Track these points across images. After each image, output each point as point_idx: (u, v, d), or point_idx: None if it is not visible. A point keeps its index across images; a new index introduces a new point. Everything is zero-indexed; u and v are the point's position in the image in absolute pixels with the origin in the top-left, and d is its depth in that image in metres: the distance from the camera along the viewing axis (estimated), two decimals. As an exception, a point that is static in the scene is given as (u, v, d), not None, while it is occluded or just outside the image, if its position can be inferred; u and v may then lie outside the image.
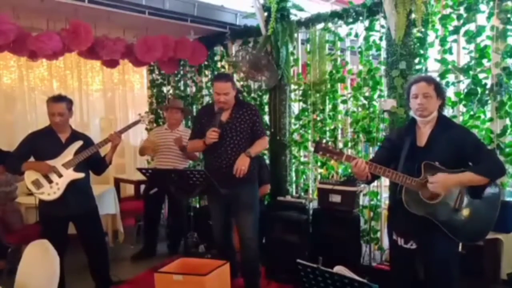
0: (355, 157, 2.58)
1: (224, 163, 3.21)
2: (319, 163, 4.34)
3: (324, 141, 2.50)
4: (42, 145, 3.28)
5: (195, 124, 3.53)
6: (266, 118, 4.63)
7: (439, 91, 2.50)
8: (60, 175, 3.21)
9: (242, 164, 3.13)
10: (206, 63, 5.23)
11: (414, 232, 2.49)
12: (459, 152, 2.42)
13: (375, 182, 3.84)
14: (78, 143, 3.31)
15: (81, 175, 3.28)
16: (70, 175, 3.24)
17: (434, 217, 2.40)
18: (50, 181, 3.20)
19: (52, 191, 3.19)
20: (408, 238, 2.52)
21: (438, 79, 3.38)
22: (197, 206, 5.30)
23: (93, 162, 3.40)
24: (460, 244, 2.57)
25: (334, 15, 4.02)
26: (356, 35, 3.94)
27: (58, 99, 3.30)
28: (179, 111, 4.63)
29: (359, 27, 3.90)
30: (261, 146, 3.34)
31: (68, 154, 3.26)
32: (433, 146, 2.47)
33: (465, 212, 2.43)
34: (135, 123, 3.68)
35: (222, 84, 3.20)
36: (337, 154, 2.55)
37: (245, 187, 3.25)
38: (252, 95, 4.85)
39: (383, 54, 3.72)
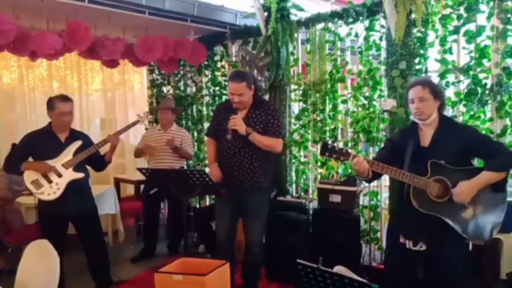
0: (358, 155, 2.55)
1: (237, 164, 3.11)
2: (319, 163, 4.34)
3: (329, 142, 2.33)
4: (41, 145, 3.26)
5: (212, 120, 3.44)
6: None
7: (436, 93, 2.50)
8: (59, 175, 3.21)
9: (237, 122, 3.01)
10: (206, 63, 5.23)
11: (423, 234, 2.47)
12: (466, 151, 2.44)
13: (375, 182, 3.85)
14: (78, 143, 3.30)
15: (80, 175, 3.28)
16: (70, 175, 3.23)
17: (444, 215, 2.40)
18: (49, 181, 3.19)
19: (52, 191, 3.19)
20: (418, 240, 2.48)
21: (436, 79, 3.39)
22: (197, 206, 5.30)
23: (93, 160, 3.40)
24: (471, 245, 2.57)
25: (334, 15, 4.02)
26: (356, 35, 3.94)
27: (68, 98, 3.29)
28: (170, 111, 4.59)
29: (359, 27, 3.90)
30: (268, 140, 3.09)
31: (68, 154, 3.25)
32: (437, 145, 2.48)
33: (472, 208, 2.43)
34: (134, 124, 3.67)
35: (235, 85, 3.04)
36: (344, 155, 2.50)
37: (255, 193, 3.17)
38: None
39: (383, 54, 3.72)
